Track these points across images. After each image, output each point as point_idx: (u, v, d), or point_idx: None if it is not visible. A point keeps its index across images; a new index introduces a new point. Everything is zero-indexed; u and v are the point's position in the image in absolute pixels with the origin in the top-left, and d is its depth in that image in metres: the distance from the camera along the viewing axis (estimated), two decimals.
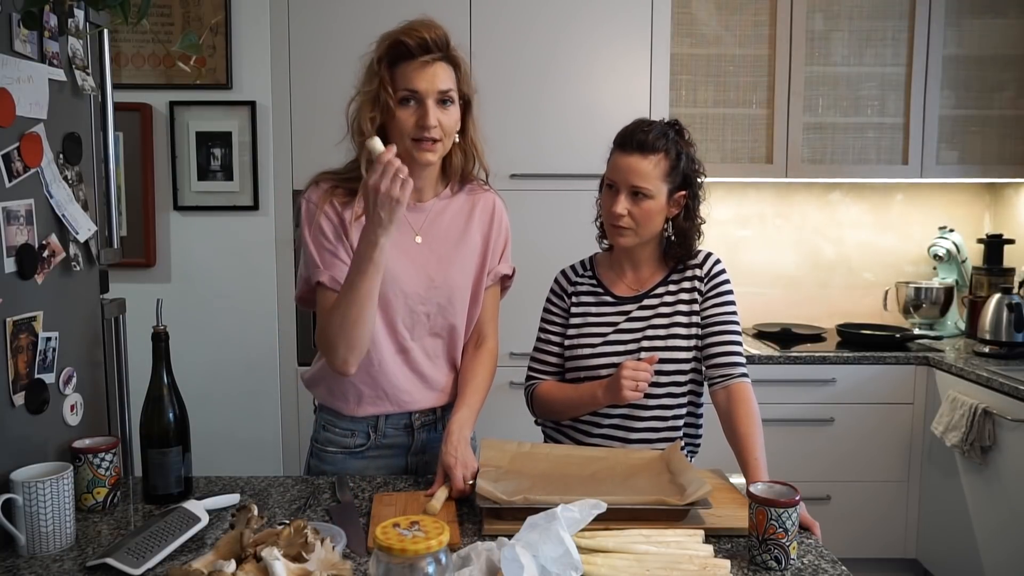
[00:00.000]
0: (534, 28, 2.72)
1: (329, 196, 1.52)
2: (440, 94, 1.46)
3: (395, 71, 1.46)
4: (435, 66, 1.45)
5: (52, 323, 1.38)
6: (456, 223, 1.59)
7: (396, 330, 1.55)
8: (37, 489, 1.22)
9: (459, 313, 1.60)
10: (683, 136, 1.63)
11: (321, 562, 1.04)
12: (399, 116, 1.45)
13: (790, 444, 2.80)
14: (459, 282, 1.59)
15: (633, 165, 1.57)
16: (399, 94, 1.45)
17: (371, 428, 1.61)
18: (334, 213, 1.52)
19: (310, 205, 1.53)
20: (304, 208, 1.54)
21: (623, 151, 1.60)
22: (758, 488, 1.23)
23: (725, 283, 1.66)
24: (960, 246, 3.25)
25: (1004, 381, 2.43)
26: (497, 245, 1.64)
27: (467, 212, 1.61)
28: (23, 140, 1.31)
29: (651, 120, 1.64)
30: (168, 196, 2.76)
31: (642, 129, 1.59)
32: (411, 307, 1.55)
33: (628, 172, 1.58)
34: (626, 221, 1.60)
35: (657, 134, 1.58)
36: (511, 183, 2.70)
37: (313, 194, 1.54)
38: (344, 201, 1.52)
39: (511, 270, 1.68)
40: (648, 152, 1.57)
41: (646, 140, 1.57)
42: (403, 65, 1.45)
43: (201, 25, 2.70)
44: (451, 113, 1.49)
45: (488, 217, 1.63)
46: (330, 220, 1.51)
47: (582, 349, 1.67)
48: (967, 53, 3.01)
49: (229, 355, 2.79)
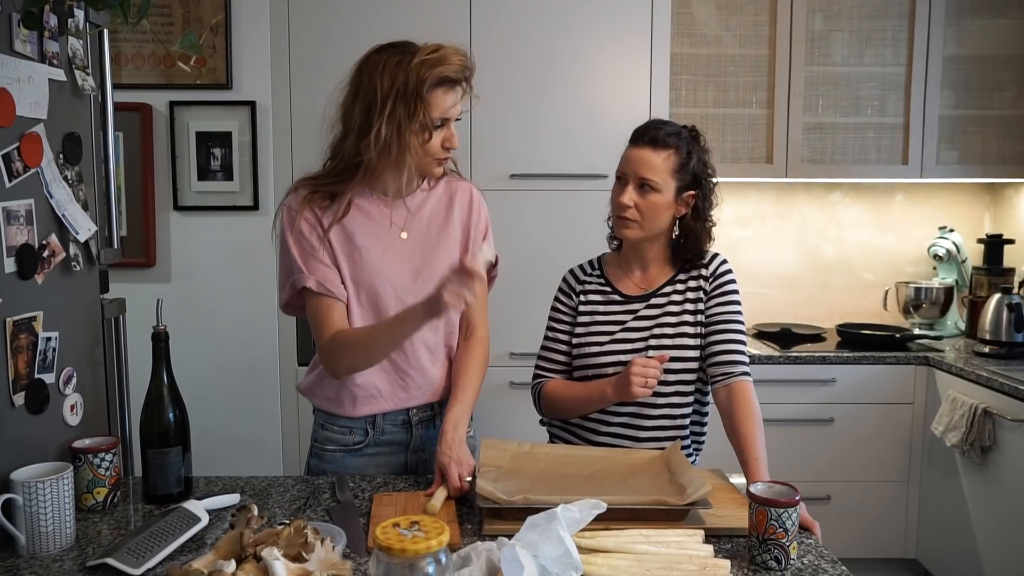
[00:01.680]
0: (534, 28, 2.72)
1: (308, 202, 1.55)
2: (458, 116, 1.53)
3: (431, 96, 1.47)
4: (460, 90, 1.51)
5: (52, 323, 1.38)
6: (436, 214, 1.62)
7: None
8: (37, 489, 1.22)
9: None
10: (698, 139, 1.67)
11: (321, 562, 1.04)
12: (432, 140, 1.50)
13: (790, 444, 2.80)
14: (444, 268, 1.59)
15: (643, 157, 1.61)
16: (434, 121, 1.48)
17: (369, 425, 1.61)
18: (314, 218, 1.54)
19: (291, 211, 1.55)
20: (285, 215, 1.57)
21: (635, 144, 1.64)
22: (758, 488, 1.23)
23: (730, 283, 1.67)
24: (960, 246, 3.25)
25: (1004, 381, 2.43)
26: (478, 232, 1.66)
27: (446, 202, 1.64)
28: (23, 140, 1.31)
29: (669, 120, 1.69)
30: (168, 196, 2.76)
31: (655, 125, 1.64)
32: (400, 298, 1.56)
33: (637, 163, 1.61)
34: (631, 213, 1.62)
35: (670, 131, 1.63)
36: (511, 183, 2.70)
37: (293, 200, 1.56)
38: (324, 205, 1.55)
39: (494, 256, 1.68)
40: (659, 147, 1.61)
41: (658, 135, 1.62)
42: (440, 91, 1.48)
43: (201, 25, 2.70)
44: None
45: (467, 205, 1.65)
46: (310, 224, 1.54)
47: (589, 347, 1.68)
48: (967, 53, 3.01)
49: (229, 355, 2.79)
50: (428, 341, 1.61)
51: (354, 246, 1.55)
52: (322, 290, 1.51)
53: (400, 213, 1.59)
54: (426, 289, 1.57)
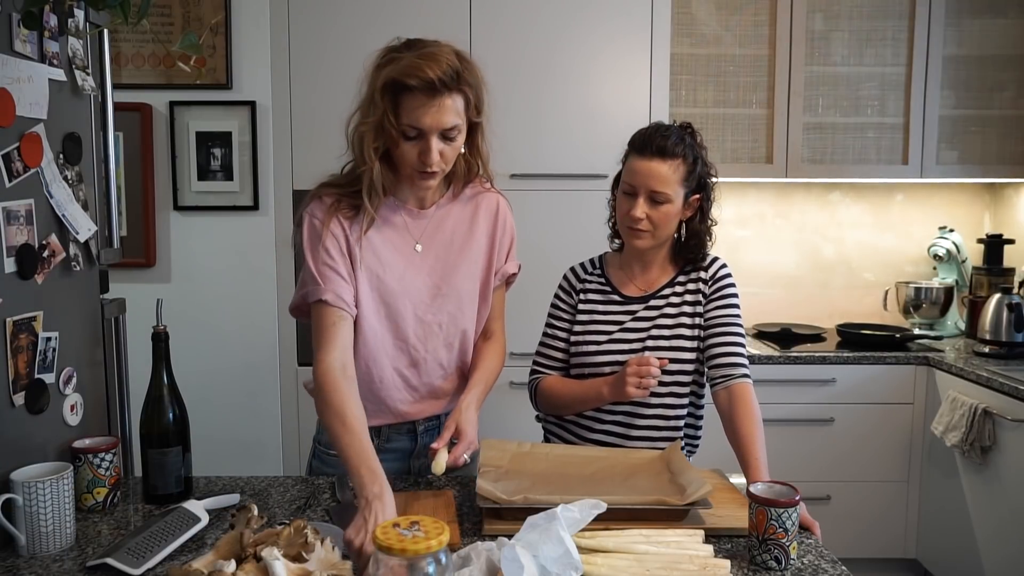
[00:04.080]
0: (534, 28, 2.72)
1: (334, 212, 1.48)
2: (445, 131, 1.40)
3: (399, 101, 1.38)
4: (441, 101, 1.37)
5: (52, 323, 1.38)
6: (460, 228, 1.57)
7: (407, 342, 1.54)
8: (37, 489, 1.22)
9: (469, 319, 1.59)
10: (695, 138, 1.65)
11: (321, 562, 1.04)
12: (403, 148, 1.41)
13: (790, 444, 2.80)
14: (467, 288, 1.57)
15: (653, 170, 1.58)
16: (402, 128, 1.39)
17: (374, 434, 1.59)
18: (340, 231, 1.47)
19: (315, 221, 1.48)
20: (307, 224, 1.49)
21: (642, 156, 1.60)
22: (758, 488, 1.23)
23: (729, 286, 1.67)
24: (960, 246, 3.25)
25: (1004, 381, 2.43)
26: (503, 245, 1.62)
27: (470, 215, 1.59)
28: (23, 140, 1.31)
29: (668, 125, 1.65)
30: (168, 196, 2.76)
31: (661, 134, 1.60)
32: (420, 316, 1.53)
33: (648, 177, 1.58)
34: (644, 224, 1.61)
35: (676, 140, 1.59)
36: (512, 183, 2.70)
37: (318, 210, 1.49)
38: (350, 216, 1.48)
39: (517, 268, 1.67)
40: (668, 157, 1.58)
41: (666, 145, 1.58)
42: (407, 97, 1.37)
43: (201, 25, 2.70)
44: (455, 144, 1.44)
45: (492, 217, 1.61)
46: (335, 238, 1.47)
47: (587, 346, 1.68)
48: (967, 53, 3.01)
49: (229, 355, 2.79)
50: (442, 359, 1.57)
51: (379, 261, 1.50)
52: (338, 303, 1.44)
53: (420, 224, 1.54)
54: (445, 308, 1.55)
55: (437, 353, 1.56)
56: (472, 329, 1.61)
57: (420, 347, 1.55)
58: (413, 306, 1.52)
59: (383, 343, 1.52)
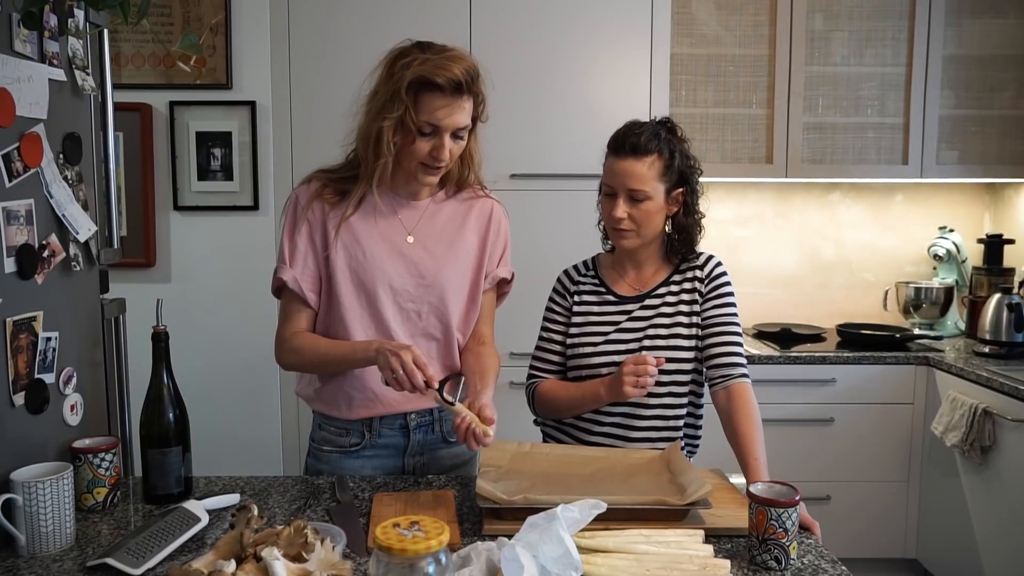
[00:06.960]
0: (534, 28, 2.72)
1: (318, 195, 1.55)
2: (457, 130, 1.48)
3: (420, 98, 1.44)
4: (461, 101, 1.45)
5: (52, 323, 1.38)
6: (450, 225, 1.60)
7: (387, 328, 1.55)
8: (37, 489, 1.22)
9: (453, 313, 1.60)
10: (675, 134, 1.64)
11: (321, 562, 1.04)
12: (417, 144, 1.47)
13: (790, 444, 2.80)
14: (452, 281, 1.59)
15: (628, 169, 1.58)
16: (419, 124, 1.45)
17: (365, 428, 1.61)
18: (319, 216, 1.55)
19: (298, 204, 1.57)
20: (291, 204, 1.58)
21: (617, 156, 1.61)
22: (758, 488, 1.23)
23: (726, 285, 1.66)
24: (960, 246, 3.25)
25: (1004, 381, 2.43)
26: (495, 249, 1.64)
27: (462, 215, 1.62)
28: (23, 140, 1.31)
29: (642, 121, 1.64)
30: (168, 196, 2.76)
31: (634, 132, 1.60)
32: (400, 304, 1.56)
33: (624, 176, 1.59)
34: (627, 224, 1.61)
35: (649, 135, 1.59)
36: (511, 183, 2.70)
37: (302, 193, 1.58)
38: (333, 201, 1.55)
39: (510, 274, 1.68)
40: (641, 154, 1.58)
41: (638, 143, 1.58)
42: (430, 96, 1.44)
43: (201, 25, 2.70)
44: (462, 143, 1.52)
45: (485, 221, 1.63)
46: (310, 224, 1.55)
47: (583, 348, 1.67)
48: (967, 53, 3.01)
49: (229, 355, 2.79)
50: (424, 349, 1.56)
51: (359, 246, 1.54)
52: (296, 287, 1.55)
53: (412, 216, 1.58)
54: (426, 298, 1.57)
55: (417, 342, 1.57)
56: (456, 325, 1.61)
57: (400, 333, 1.56)
58: (394, 293, 1.55)
59: (364, 327, 1.55)
